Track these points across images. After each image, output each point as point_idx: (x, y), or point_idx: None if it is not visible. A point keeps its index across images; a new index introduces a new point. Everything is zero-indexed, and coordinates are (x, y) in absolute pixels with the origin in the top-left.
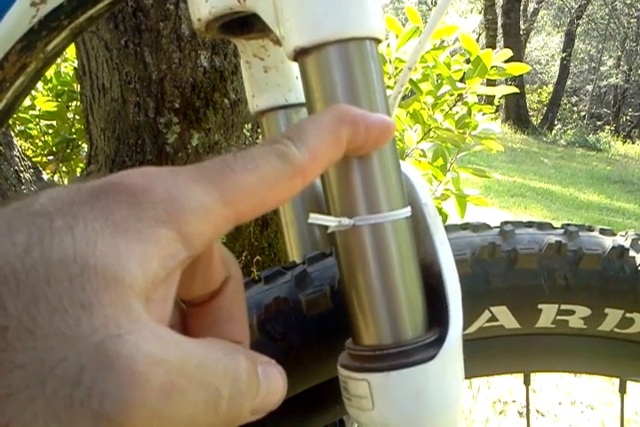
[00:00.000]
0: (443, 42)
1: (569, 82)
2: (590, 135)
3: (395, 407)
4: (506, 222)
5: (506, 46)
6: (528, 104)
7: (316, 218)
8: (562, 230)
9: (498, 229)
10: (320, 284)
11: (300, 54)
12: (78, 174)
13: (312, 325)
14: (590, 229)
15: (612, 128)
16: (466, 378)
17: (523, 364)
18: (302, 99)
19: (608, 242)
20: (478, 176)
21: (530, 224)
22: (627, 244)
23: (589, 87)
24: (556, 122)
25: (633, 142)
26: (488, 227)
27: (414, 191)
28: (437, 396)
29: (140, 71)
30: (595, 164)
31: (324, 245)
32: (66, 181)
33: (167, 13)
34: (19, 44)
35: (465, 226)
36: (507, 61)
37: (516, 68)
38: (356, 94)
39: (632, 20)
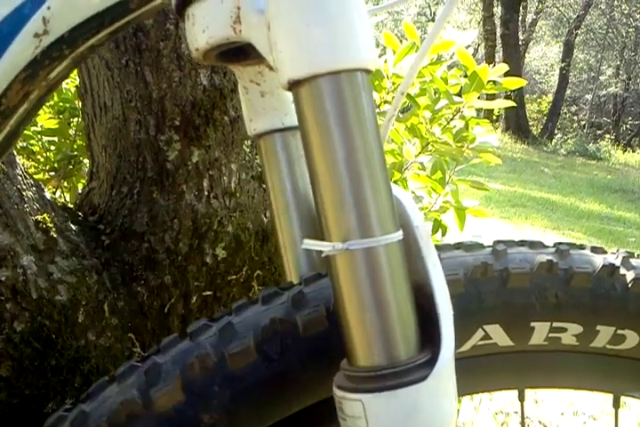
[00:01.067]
0: (440, 57)
1: (568, 91)
2: (590, 144)
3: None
4: (498, 242)
5: (505, 57)
6: (528, 114)
7: (309, 244)
8: (553, 249)
9: (490, 249)
10: (316, 304)
11: (293, 85)
12: (80, 190)
13: (308, 345)
14: (581, 247)
15: (612, 137)
16: (461, 395)
17: (517, 381)
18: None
19: (599, 260)
20: (477, 189)
21: (522, 243)
22: (617, 262)
23: (589, 96)
24: (555, 131)
25: (633, 151)
26: (481, 246)
27: (406, 214)
28: (431, 415)
29: (140, 90)
30: (595, 173)
31: (322, 265)
32: (68, 198)
33: (167, 33)
34: (22, 73)
35: (458, 245)
36: (505, 73)
37: (513, 83)
38: (348, 123)
39: (630, 30)
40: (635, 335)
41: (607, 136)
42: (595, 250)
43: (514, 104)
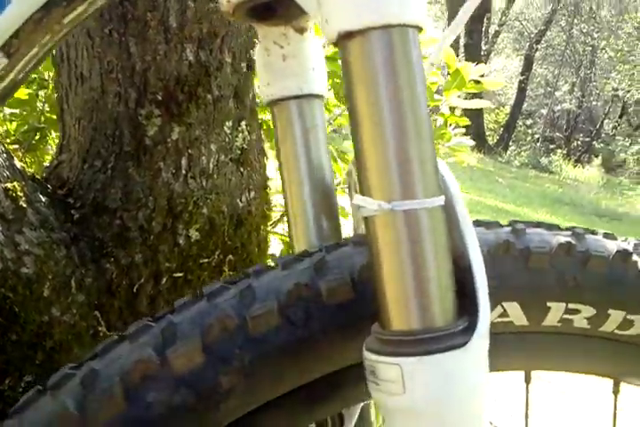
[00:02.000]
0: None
1: (525, 105)
2: (543, 158)
3: (425, 392)
4: (516, 221)
5: None
6: (485, 124)
7: (359, 199)
8: (569, 232)
9: (510, 228)
10: (340, 272)
11: (343, 38)
12: (47, 163)
13: (332, 312)
14: (594, 232)
15: (564, 152)
16: None
17: (525, 362)
18: (316, 91)
19: (613, 245)
20: None
21: (538, 224)
22: (630, 248)
23: (544, 111)
24: (510, 143)
25: (583, 167)
26: (499, 225)
27: (444, 182)
28: (466, 382)
29: (122, 61)
30: (547, 185)
31: (332, 236)
32: (32, 170)
33: (155, 4)
34: (37, 13)
35: (478, 223)
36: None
37: (493, 84)
38: (397, 80)
39: (587, 48)
40: None
41: (559, 151)
42: (607, 236)
43: (490, 104)
